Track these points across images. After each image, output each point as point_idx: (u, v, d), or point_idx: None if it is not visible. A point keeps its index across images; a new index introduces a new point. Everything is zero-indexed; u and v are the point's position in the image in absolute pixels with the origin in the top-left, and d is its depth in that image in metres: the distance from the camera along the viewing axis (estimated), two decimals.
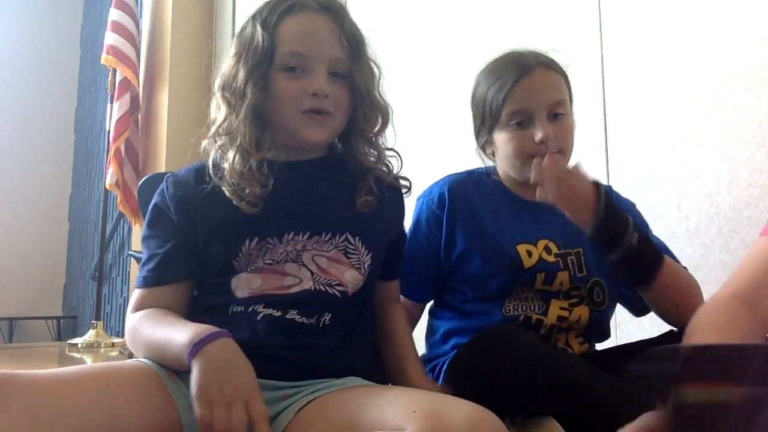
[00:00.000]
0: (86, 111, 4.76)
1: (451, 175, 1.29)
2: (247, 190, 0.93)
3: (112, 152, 3.34)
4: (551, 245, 1.22)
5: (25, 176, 4.68)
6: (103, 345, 3.22)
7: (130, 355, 1.03)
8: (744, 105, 1.46)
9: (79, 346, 3.21)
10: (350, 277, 0.97)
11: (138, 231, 3.36)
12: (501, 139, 1.21)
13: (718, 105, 1.51)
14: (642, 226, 1.27)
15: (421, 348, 1.27)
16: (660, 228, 1.26)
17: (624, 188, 1.41)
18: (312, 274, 0.95)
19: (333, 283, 0.96)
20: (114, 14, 3.46)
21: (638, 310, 1.28)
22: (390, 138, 1.09)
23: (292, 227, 0.95)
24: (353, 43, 0.99)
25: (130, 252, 3.36)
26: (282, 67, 0.95)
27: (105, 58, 3.42)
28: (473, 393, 0.87)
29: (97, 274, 3.61)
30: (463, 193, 1.24)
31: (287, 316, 0.93)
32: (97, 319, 3.36)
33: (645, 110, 1.65)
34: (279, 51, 0.94)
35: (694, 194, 1.55)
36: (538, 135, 1.15)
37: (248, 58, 0.95)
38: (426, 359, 1.26)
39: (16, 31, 4.74)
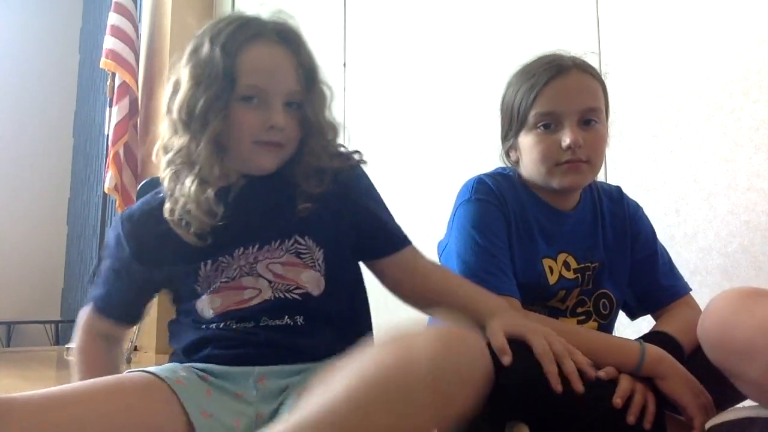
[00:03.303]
0: (85, 115, 4.76)
1: (485, 174, 1.19)
2: (194, 226, 0.95)
3: (111, 156, 3.34)
4: (570, 260, 1.17)
5: (23, 180, 4.68)
6: None
7: (129, 359, 1.07)
8: (741, 109, 1.46)
9: None
10: (307, 278, 0.98)
11: None
12: (527, 142, 1.14)
13: (715, 109, 1.52)
14: (650, 230, 1.26)
15: None
16: (658, 232, 1.26)
17: None
18: (269, 282, 0.97)
19: (291, 288, 0.98)
20: (113, 18, 3.46)
21: (634, 315, 1.28)
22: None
23: (241, 243, 0.98)
24: (308, 73, 0.99)
25: None
26: (241, 97, 0.94)
27: (104, 62, 3.43)
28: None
29: (95, 278, 3.60)
30: (505, 195, 1.15)
31: (261, 324, 0.96)
32: None
33: (643, 115, 1.65)
34: (239, 81, 0.94)
35: (692, 198, 1.55)
36: (566, 140, 1.08)
37: (209, 84, 0.93)
38: None
39: (15, 35, 4.74)
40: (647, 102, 1.64)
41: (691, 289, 1.21)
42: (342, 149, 1.05)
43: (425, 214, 2.18)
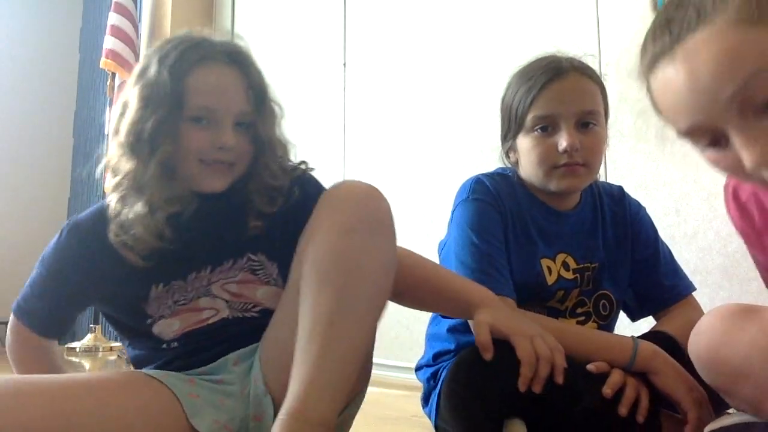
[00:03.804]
0: (85, 115, 4.76)
1: (484, 174, 1.19)
2: (141, 249, 0.94)
3: None
4: (569, 260, 1.18)
5: (23, 180, 4.67)
6: (101, 349, 3.21)
7: (128, 360, 1.07)
8: None
9: (78, 350, 3.21)
10: (263, 294, 1.00)
11: None
12: (525, 145, 1.14)
13: None
14: (651, 230, 1.26)
15: (418, 340, 1.26)
16: (658, 232, 1.26)
17: None
18: (226, 302, 0.99)
19: (249, 307, 1.00)
20: (113, 18, 3.46)
21: (635, 316, 1.28)
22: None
23: (194, 267, 0.98)
24: (258, 93, 0.99)
25: None
26: (189, 118, 0.93)
27: (104, 62, 3.43)
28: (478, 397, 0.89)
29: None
30: (503, 195, 1.16)
31: (222, 337, 0.99)
32: (95, 323, 3.35)
33: (643, 114, 1.65)
34: (188, 102, 0.93)
35: (692, 198, 1.55)
36: (563, 143, 1.08)
37: (157, 106, 0.92)
38: (427, 363, 1.25)
39: (14, 36, 4.74)
40: (648, 102, 1.64)
41: (695, 289, 1.21)
42: (289, 163, 1.05)
43: (425, 214, 2.18)
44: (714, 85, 0.61)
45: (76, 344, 3.27)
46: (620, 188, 1.31)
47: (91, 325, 3.35)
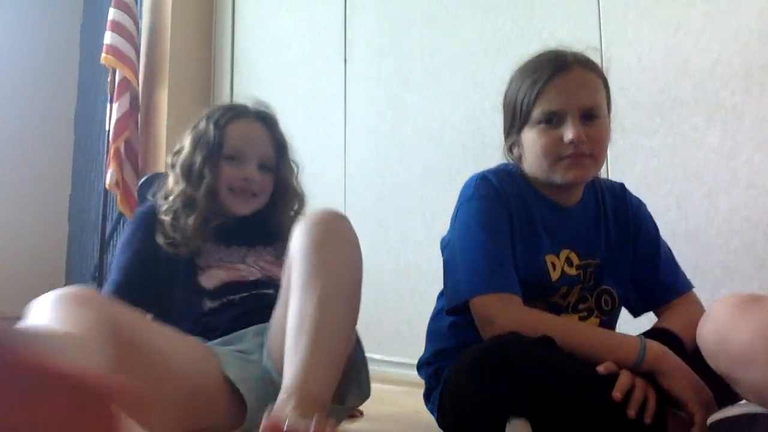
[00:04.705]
0: (86, 111, 4.76)
1: (489, 171, 1.20)
2: (186, 246, 1.27)
3: (111, 152, 3.33)
4: (572, 256, 1.18)
5: (24, 177, 4.68)
6: None
7: None
8: (743, 107, 1.46)
9: None
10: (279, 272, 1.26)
11: None
12: (530, 137, 1.14)
13: (717, 106, 1.52)
14: (652, 227, 1.27)
15: (418, 335, 1.26)
16: (660, 229, 1.26)
17: None
18: (259, 268, 1.31)
19: (272, 280, 1.28)
20: (113, 14, 3.45)
21: (637, 312, 1.28)
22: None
23: (234, 243, 1.32)
24: (280, 146, 1.35)
25: None
26: (226, 156, 1.29)
27: (104, 58, 3.42)
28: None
29: (97, 275, 3.60)
30: (508, 191, 1.16)
31: (253, 293, 1.26)
32: None
33: (645, 111, 1.65)
34: (225, 145, 1.29)
35: (693, 195, 1.55)
36: (569, 135, 1.09)
37: (203, 148, 1.28)
38: (428, 360, 1.25)
39: (15, 32, 4.73)
40: (649, 98, 1.64)
41: (693, 287, 1.21)
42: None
43: (426, 209, 2.18)
44: None
45: None
46: (621, 185, 1.31)
47: None
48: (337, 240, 1.05)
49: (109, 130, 3.41)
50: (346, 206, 2.45)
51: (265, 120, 1.34)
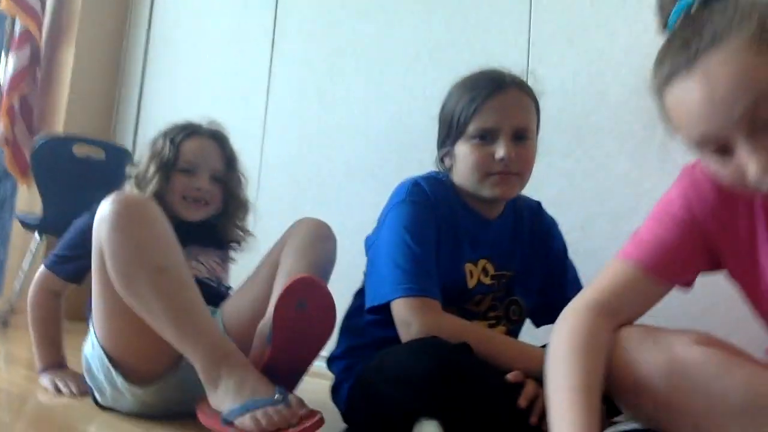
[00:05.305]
0: None
1: (421, 177, 1.23)
2: None
3: (4, 107, 3.08)
4: (489, 266, 1.23)
5: None
6: None
7: (5, 322, 1.45)
8: (652, 139, 1.55)
9: None
10: (222, 275, 1.53)
11: (25, 192, 3.13)
12: (463, 150, 1.19)
13: (629, 135, 1.61)
14: (563, 245, 1.34)
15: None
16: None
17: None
18: (205, 269, 1.48)
19: (213, 279, 1.48)
20: None
21: (539, 324, 1.35)
22: None
23: (191, 243, 1.43)
24: (230, 161, 1.52)
25: (15, 214, 3.12)
26: (181, 169, 1.44)
27: (4, 4, 3.15)
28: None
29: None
30: (438, 199, 1.20)
31: (204, 284, 1.39)
32: None
33: (562, 133, 1.72)
34: (181, 159, 1.44)
35: (598, 218, 1.64)
36: (500, 153, 1.14)
37: (157, 161, 1.43)
38: (341, 355, 1.25)
39: None
40: (569, 122, 1.72)
41: None
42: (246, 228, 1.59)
43: (342, 206, 2.18)
44: (728, 100, 0.68)
45: None
46: (538, 203, 1.37)
47: None
48: (325, 239, 1.33)
49: (3, 84, 3.15)
50: (259, 191, 2.40)
51: (217, 137, 1.50)
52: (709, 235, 0.87)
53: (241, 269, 1.50)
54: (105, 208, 1.12)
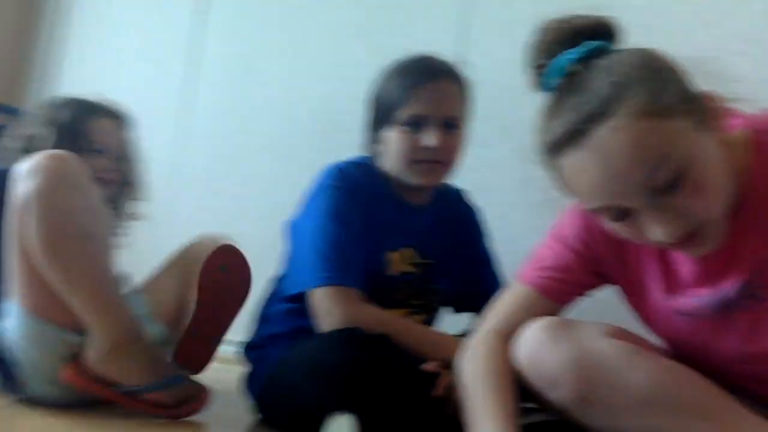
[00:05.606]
0: None
1: (347, 162, 1.21)
2: None
3: None
4: (411, 254, 1.22)
5: None
6: None
7: None
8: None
9: None
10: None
11: None
12: (392, 136, 1.17)
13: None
14: (484, 233, 1.35)
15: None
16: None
17: None
18: None
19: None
20: None
21: (459, 311, 1.37)
22: None
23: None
24: (129, 143, 1.52)
25: None
26: (88, 150, 1.39)
27: None
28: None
29: None
30: (363, 184, 1.19)
31: None
32: None
33: (490, 124, 1.73)
34: (89, 138, 1.41)
35: (516, 207, 1.67)
36: (429, 141, 1.13)
37: (61, 134, 1.37)
38: (259, 344, 1.23)
39: None
40: (497, 112, 1.72)
41: None
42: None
43: (262, 183, 2.13)
44: (625, 172, 0.68)
45: None
46: (462, 190, 1.38)
47: None
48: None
49: None
50: (178, 164, 2.30)
51: (122, 119, 1.51)
52: (600, 261, 0.91)
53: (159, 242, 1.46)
54: (37, 166, 1.08)
